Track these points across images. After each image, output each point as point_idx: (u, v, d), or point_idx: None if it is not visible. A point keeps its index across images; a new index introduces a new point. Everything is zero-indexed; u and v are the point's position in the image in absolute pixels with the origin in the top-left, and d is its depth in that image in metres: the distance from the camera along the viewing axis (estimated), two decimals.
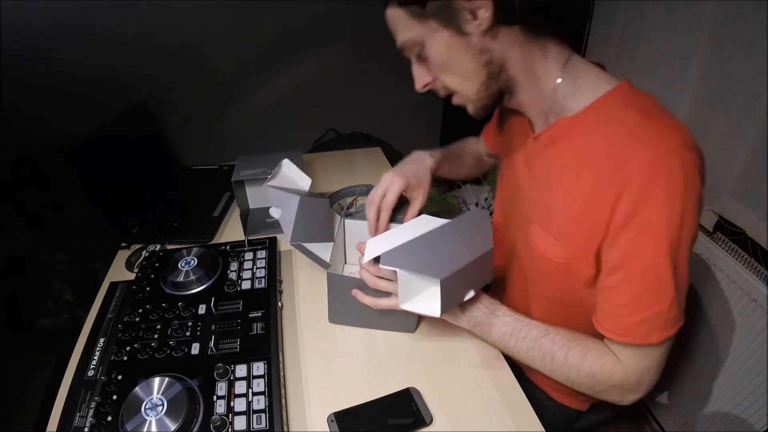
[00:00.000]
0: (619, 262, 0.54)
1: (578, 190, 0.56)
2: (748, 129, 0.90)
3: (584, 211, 0.55)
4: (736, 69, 0.91)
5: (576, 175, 0.56)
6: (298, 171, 0.83)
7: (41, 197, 1.42)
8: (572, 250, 0.59)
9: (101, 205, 0.97)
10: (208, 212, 1.07)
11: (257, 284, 0.79)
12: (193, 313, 0.73)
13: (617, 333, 0.55)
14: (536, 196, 0.64)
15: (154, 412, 0.57)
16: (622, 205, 0.51)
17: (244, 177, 0.96)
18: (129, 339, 0.69)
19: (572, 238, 0.58)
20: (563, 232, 0.59)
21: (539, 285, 0.70)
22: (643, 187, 0.49)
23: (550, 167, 0.61)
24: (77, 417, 0.60)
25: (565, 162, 0.58)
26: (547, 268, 0.64)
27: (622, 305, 0.55)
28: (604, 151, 0.53)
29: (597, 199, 0.53)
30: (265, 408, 0.59)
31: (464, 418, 0.61)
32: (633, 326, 0.54)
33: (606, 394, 0.59)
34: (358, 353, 0.71)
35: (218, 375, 0.63)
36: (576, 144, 0.57)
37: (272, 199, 0.77)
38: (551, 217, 0.61)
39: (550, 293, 0.68)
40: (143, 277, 0.81)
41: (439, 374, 0.67)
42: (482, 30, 0.53)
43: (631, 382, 0.57)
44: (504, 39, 0.55)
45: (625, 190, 0.50)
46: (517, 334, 0.61)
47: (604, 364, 0.57)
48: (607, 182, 0.52)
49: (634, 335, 0.54)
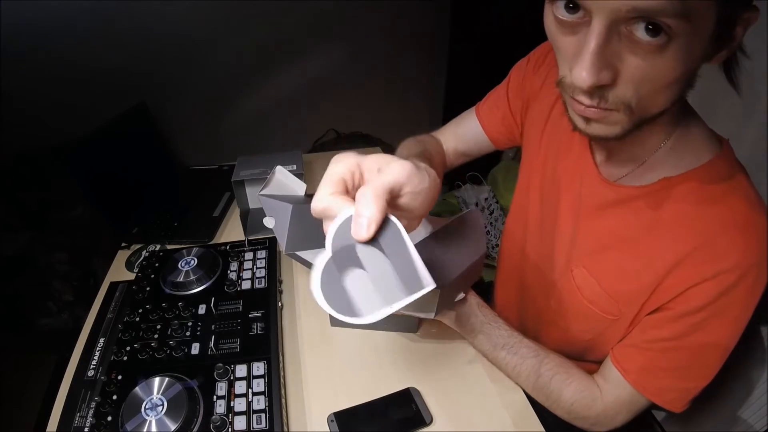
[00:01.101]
0: (675, 336, 0.52)
1: (656, 256, 0.51)
2: (748, 129, 0.90)
3: (655, 280, 0.52)
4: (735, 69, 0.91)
5: (658, 240, 0.52)
6: (293, 177, 0.81)
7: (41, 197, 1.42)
8: (624, 310, 0.56)
9: (101, 205, 0.97)
10: (208, 212, 1.07)
11: (257, 284, 0.79)
12: (193, 313, 0.73)
13: (647, 390, 0.55)
14: (592, 244, 0.58)
15: (154, 412, 0.57)
16: (706, 292, 0.49)
17: (244, 177, 0.96)
18: (129, 339, 0.69)
19: (631, 300, 0.55)
20: (622, 291, 0.56)
21: (567, 321, 0.65)
22: (734, 283, 0.47)
23: (628, 222, 0.54)
24: (77, 417, 0.60)
25: (651, 223, 0.52)
26: (586, 313, 0.60)
27: (663, 369, 0.54)
28: (698, 228, 0.49)
29: (676, 272, 0.50)
30: (265, 408, 0.59)
31: (464, 418, 0.61)
32: (665, 390, 0.55)
33: (577, 421, 0.61)
34: (358, 353, 0.71)
35: (218, 375, 0.63)
36: (667, 209, 0.51)
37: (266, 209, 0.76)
38: (610, 272, 0.57)
39: (577, 334, 0.65)
40: (143, 277, 0.81)
41: (439, 374, 0.67)
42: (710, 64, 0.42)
43: (607, 416, 0.58)
44: None
45: (715, 278, 0.48)
46: (509, 348, 0.61)
47: (585, 396, 0.58)
48: (698, 263, 0.49)
49: (661, 397, 0.55)
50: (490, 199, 1.57)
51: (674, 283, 0.51)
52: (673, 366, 0.54)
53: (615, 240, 0.56)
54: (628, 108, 0.41)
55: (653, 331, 0.54)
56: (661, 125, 0.51)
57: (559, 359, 0.61)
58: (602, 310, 0.58)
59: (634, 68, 0.38)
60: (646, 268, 0.52)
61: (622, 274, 0.55)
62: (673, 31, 0.35)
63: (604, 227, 0.57)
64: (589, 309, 0.59)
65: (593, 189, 0.58)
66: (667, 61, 0.37)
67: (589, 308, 0.59)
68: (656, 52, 0.37)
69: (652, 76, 0.39)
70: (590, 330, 0.62)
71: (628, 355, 0.57)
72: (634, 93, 0.40)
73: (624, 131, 0.44)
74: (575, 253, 0.61)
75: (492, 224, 1.55)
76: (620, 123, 0.43)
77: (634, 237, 0.54)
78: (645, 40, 0.36)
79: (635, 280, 0.54)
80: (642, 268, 0.53)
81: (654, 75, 0.39)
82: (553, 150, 0.65)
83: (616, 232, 0.56)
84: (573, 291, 0.61)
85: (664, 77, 0.39)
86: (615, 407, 0.58)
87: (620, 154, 0.55)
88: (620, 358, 0.57)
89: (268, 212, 0.73)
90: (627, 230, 0.54)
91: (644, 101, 0.41)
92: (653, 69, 0.38)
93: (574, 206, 0.61)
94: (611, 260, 0.56)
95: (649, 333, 0.55)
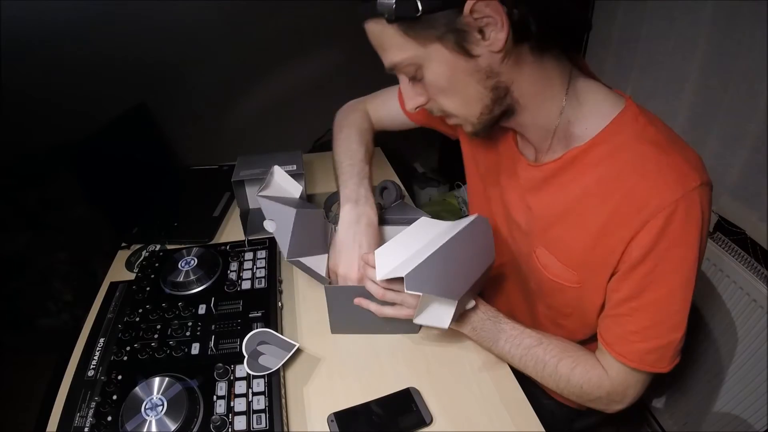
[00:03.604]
0: (633, 292, 0.54)
1: (590, 221, 0.55)
2: (748, 129, 0.90)
3: (597, 243, 0.55)
4: (736, 69, 0.91)
5: (587, 207, 0.56)
6: (289, 178, 0.79)
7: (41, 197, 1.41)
8: (584, 276, 0.59)
9: (101, 205, 0.97)
10: (208, 212, 1.07)
11: (257, 284, 0.79)
12: (193, 313, 0.73)
13: (627, 357, 0.56)
14: (541, 223, 0.63)
15: (154, 412, 0.57)
16: (641, 241, 0.51)
17: (244, 177, 0.96)
18: (129, 339, 0.69)
19: (584, 266, 0.58)
20: (574, 259, 0.59)
21: (547, 300, 0.69)
22: (663, 225, 0.49)
23: (557, 197, 0.59)
24: (77, 417, 0.60)
25: (576, 193, 0.57)
26: (556, 287, 0.64)
27: (634, 332, 0.55)
28: (620, 186, 0.52)
29: (612, 231, 0.53)
30: (265, 408, 0.59)
31: (464, 418, 0.61)
32: (644, 353, 0.56)
33: (592, 403, 0.62)
34: (359, 353, 0.71)
35: (218, 375, 0.63)
36: (587, 175, 0.55)
37: (266, 211, 0.73)
38: (560, 245, 0.61)
39: (559, 309, 0.68)
40: (143, 277, 0.81)
41: (439, 374, 0.67)
42: (491, 51, 0.48)
43: (617, 393, 0.60)
44: (511, 59, 0.50)
45: (644, 227, 0.50)
46: (512, 341, 0.63)
47: (591, 376, 0.60)
48: (624, 217, 0.52)
49: (643, 362, 0.56)
50: None
51: (613, 243, 0.53)
52: (642, 326, 0.55)
53: (555, 215, 0.60)
54: (447, 113, 0.57)
55: (614, 294, 0.57)
56: (536, 103, 0.55)
57: (562, 343, 0.63)
58: (566, 281, 0.61)
59: (425, 90, 0.55)
60: (585, 234, 0.56)
61: (568, 244, 0.59)
62: None
63: (544, 206, 0.62)
64: (556, 283, 0.63)
65: (525, 174, 0.63)
66: (430, 79, 0.52)
67: (556, 282, 0.63)
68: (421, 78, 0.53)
69: (434, 90, 0.54)
70: (567, 303, 0.65)
71: (606, 327, 0.60)
72: (440, 103, 0.55)
73: (474, 126, 0.57)
74: (532, 236, 0.65)
75: None
76: (463, 123, 0.57)
77: (568, 208, 0.58)
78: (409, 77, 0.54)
79: (581, 247, 0.58)
80: (582, 235, 0.57)
81: (434, 89, 0.54)
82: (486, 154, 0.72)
83: (552, 207, 0.60)
84: (540, 270, 0.65)
85: (440, 86, 0.53)
86: (620, 383, 0.59)
87: (529, 139, 0.62)
88: (601, 332, 0.60)
89: (268, 215, 0.72)
90: (561, 203, 0.59)
91: (453, 104, 0.55)
92: (430, 87, 0.54)
93: (518, 194, 0.66)
94: (558, 234, 0.61)
95: (612, 298, 0.57)
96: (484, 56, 0.49)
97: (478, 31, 0.46)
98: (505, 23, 0.46)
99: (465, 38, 0.47)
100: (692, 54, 1.00)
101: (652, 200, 0.49)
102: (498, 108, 0.54)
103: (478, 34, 0.47)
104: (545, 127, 0.58)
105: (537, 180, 0.62)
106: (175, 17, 1.32)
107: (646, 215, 0.50)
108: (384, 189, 1.00)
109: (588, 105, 0.55)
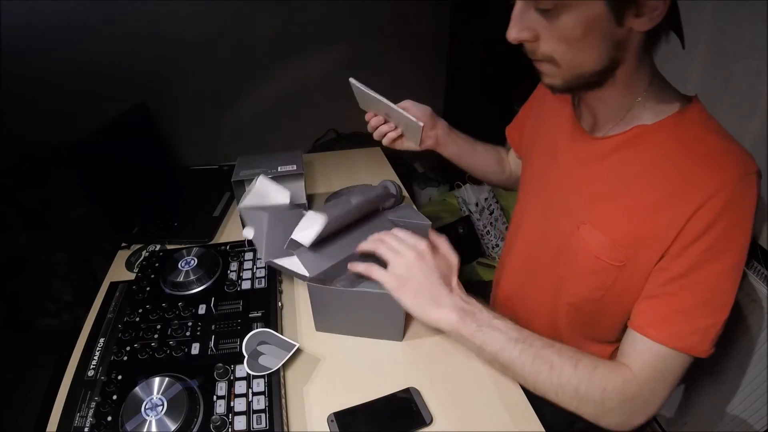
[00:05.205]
0: (685, 270, 0.54)
1: (647, 197, 0.56)
2: (748, 129, 0.90)
3: (651, 219, 0.55)
4: (736, 69, 0.91)
5: (646, 183, 0.56)
6: (275, 186, 0.74)
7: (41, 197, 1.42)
8: (629, 255, 0.58)
9: (101, 205, 0.97)
10: (208, 212, 1.07)
11: (257, 284, 0.79)
12: (193, 313, 0.73)
13: (667, 338, 0.54)
14: (591, 197, 0.63)
15: (154, 412, 0.57)
16: (701, 218, 0.51)
17: (244, 177, 0.96)
18: (129, 339, 0.69)
19: (633, 243, 0.58)
20: (624, 236, 0.58)
21: (578, 285, 0.66)
22: (724, 204, 0.50)
23: (615, 171, 0.60)
24: (77, 417, 0.60)
25: (636, 169, 0.58)
26: (595, 268, 0.62)
27: (680, 311, 0.54)
28: (680, 166, 0.54)
29: (668, 209, 0.54)
30: (265, 408, 0.59)
31: (464, 418, 0.61)
32: (687, 333, 0.53)
33: (613, 413, 0.56)
34: (358, 353, 0.71)
35: (218, 375, 0.63)
36: (649, 152, 0.57)
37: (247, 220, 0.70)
38: (610, 221, 0.60)
39: (589, 294, 0.65)
40: (143, 277, 0.81)
41: (439, 374, 0.67)
42: (634, 28, 0.49)
43: (642, 398, 0.55)
44: (635, 42, 0.52)
45: (706, 203, 0.51)
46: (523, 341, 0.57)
47: (616, 377, 0.55)
48: (682, 195, 0.53)
49: (684, 342, 0.53)
50: (490, 199, 1.57)
51: (670, 219, 0.53)
52: (690, 305, 0.54)
53: (609, 189, 0.60)
54: (552, 60, 0.54)
55: (662, 273, 0.56)
56: (627, 85, 0.57)
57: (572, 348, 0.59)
58: (610, 259, 0.60)
59: (543, 28, 0.51)
60: (642, 209, 0.56)
61: (619, 219, 0.59)
62: None
63: (598, 179, 0.62)
64: (597, 261, 0.61)
65: (585, 147, 0.64)
66: (564, 22, 0.49)
67: (597, 261, 0.61)
68: (554, 16, 0.49)
69: (557, 33, 0.51)
70: (600, 286, 0.63)
71: (644, 310, 0.57)
72: (551, 48, 0.52)
73: (565, 83, 0.56)
74: (578, 211, 0.64)
75: (492, 224, 1.55)
76: (555, 75, 0.56)
77: (625, 184, 0.58)
78: (541, 7, 0.50)
79: (632, 224, 0.57)
80: (636, 211, 0.57)
81: (559, 33, 0.51)
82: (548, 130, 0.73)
83: (609, 181, 0.60)
84: (581, 249, 0.63)
85: (568, 34, 0.50)
86: (650, 380, 0.55)
87: (600, 114, 0.62)
88: (637, 317, 0.58)
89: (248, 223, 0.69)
90: (618, 178, 0.59)
91: (565, 56, 0.53)
92: (556, 28, 0.50)
93: (570, 168, 0.66)
94: (609, 209, 0.60)
95: (659, 277, 0.56)
96: (626, 29, 0.50)
97: (637, 5, 0.47)
98: (663, 12, 0.48)
99: (627, 3, 0.47)
100: (692, 54, 1.00)
101: (715, 179, 0.51)
102: (597, 77, 0.55)
103: (635, 8, 0.48)
104: (620, 107, 0.59)
105: (598, 152, 0.62)
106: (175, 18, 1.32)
107: (709, 193, 0.51)
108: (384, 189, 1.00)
109: (662, 95, 0.58)
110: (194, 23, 1.35)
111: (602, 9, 0.48)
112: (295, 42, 1.50)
